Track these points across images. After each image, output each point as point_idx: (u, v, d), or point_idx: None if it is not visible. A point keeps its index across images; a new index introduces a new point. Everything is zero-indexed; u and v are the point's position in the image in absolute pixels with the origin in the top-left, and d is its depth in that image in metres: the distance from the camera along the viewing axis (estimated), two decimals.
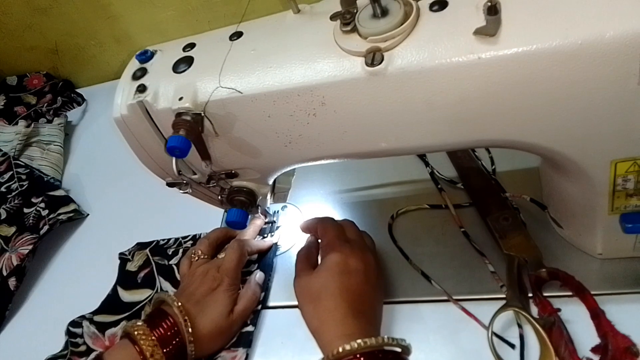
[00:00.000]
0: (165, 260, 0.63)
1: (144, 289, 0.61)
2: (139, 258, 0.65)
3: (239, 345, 0.51)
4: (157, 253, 0.65)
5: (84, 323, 0.59)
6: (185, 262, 0.56)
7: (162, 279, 0.61)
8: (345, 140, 0.42)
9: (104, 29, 0.94)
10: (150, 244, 0.66)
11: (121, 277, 0.64)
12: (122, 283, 0.63)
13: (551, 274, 0.47)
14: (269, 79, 0.39)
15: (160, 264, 0.63)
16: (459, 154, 0.61)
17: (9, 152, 0.84)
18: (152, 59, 0.46)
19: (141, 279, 0.62)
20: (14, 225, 0.73)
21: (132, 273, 0.63)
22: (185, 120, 0.40)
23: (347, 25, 0.37)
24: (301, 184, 0.65)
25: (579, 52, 0.32)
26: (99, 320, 0.59)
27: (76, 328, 0.59)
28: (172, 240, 0.66)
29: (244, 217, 0.50)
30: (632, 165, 0.38)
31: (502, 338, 0.45)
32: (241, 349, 0.51)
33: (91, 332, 0.58)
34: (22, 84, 1.02)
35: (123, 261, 0.65)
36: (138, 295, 0.61)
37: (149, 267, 0.63)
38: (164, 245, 0.65)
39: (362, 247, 0.48)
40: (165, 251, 0.65)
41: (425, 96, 0.37)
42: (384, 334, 0.49)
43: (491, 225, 0.52)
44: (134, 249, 0.66)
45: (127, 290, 0.62)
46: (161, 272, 0.62)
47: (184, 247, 0.64)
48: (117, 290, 0.62)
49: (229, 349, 0.51)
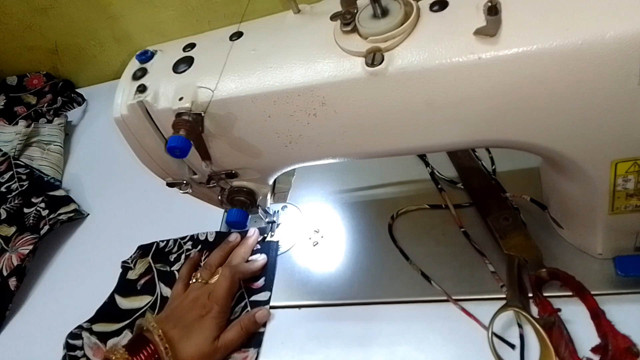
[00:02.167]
0: (167, 266, 0.63)
1: (143, 295, 0.61)
2: (141, 266, 0.64)
3: (249, 346, 0.52)
4: (159, 260, 0.64)
5: (84, 334, 0.58)
6: (180, 285, 0.57)
7: (162, 284, 0.61)
8: (345, 140, 0.42)
9: (104, 29, 0.94)
10: (151, 247, 0.66)
11: (120, 285, 0.63)
12: (120, 291, 0.62)
13: (551, 274, 0.47)
14: (269, 79, 0.39)
15: (162, 270, 0.63)
16: (459, 154, 0.61)
17: (9, 152, 0.84)
18: (152, 59, 0.46)
19: (141, 285, 0.62)
20: (14, 225, 0.73)
21: (132, 281, 0.63)
22: (185, 120, 0.40)
23: (348, 25, 0.37)
24: (301, 184, 0.65)
25: (579, 52, 0.32)
26: (99, 330, 0.58)
27: (76, 340, 0.58)
28: (171, 242, 0.65)
29: (244, 217, 0.50)
30: (633, 166, 0.38)
31: (502, 338, 0.45)
32: (252, 349, 0.52)
33: (92, 343, 0.57)
34: (22, 84, 1.02)
35: (125, 269, 0.65)
36: (137, 302, 0.60)
37: (150, 274, 0.63)
38: (165, 248, 0.65)
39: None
40: (167, 257, 0.64)
41: (425, 96, 0.37)
42: (384, 333, 0.49)
43: (491, 225, 0.52)
44: (136, 255, 0.65)
45: (125, 297, 0.62)
46: (162, 278, 0.62)
47: (185, 250, 0.64)
48: (114, 297, 0.62)
49: (240, 350, 0.52)
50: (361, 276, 0.54)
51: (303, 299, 0.55)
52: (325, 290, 0.54)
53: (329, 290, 0.54)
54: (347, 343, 0.50)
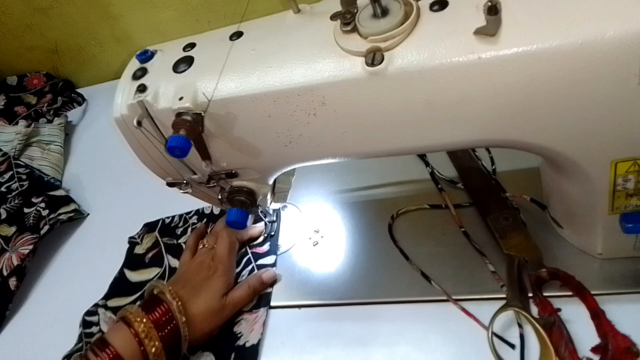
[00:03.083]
0: (174, 239, 0.66)
1: (151, 268, 0.64)
2: (148, 240, 0.67)
3: (259, 306, 0.54)
4: (166, 234, 0.67)
5: (99, 310, 0.61)
6: (187, 254, 0.59)
7: (170, 257, 0.64)
8: (345, 140, 0.42)
9: (104, 29, 0.94)
10: (157, 224, 0.68)
11: (128, 260, 0.66)
12: (128, 265, 0.65)
13: (551, 274, 0.47)
14: (269, 78, 0.39)
15: (168, 243, 0.65)
16: (459, 154, 0.61)
17: (9, 152, 0.84)
18: (152, 58, 0.46)
19: (149, 259, 0.65)
20: (14, 225, 0.73)
21: (140, 255, 0.66)
22: (185, 120, 0.40)
23: (348, 25, 0.37)
24: (301, 184, 0.65)
25: (579, 52, 0.32)
26: (113, 305, 0.61)
27: (92, 317, 0.60)
28: (177, 217, 0.68)
29: (244, 217, 0.50)
30: (632, 165, 0.38)
31: (502, 338, 0.45)
32: (262, 308, 0.54)
33: (107, 318, 0.60)
34: (22, 84, 1.02)
35: (132, 245, 0.67)
36: (146, 274, 0.63)
37: (157, 248, 0.65)
38: (171, 223, 0.68)
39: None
40: (174, 230, 0.67)
41: (425, 96, 0.37)
42: (384, 333, 0.49)
43: (491, 225, 0.52)
44: (143, 231, 0.68)
45: (134, 271, 0.64)
46: (169, 250, 0.65)
47: (190, 224, 0.67)
48: (123, 272, 0.64)
49: (250, 311, 0.54)
50: (361, 276, 0.54)
51: (303, 299, 0.55)
52: (325, 290, 0.54)
53: (329, 290, 0.54)
54: (347, 343, 0.50)
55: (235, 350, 0.52)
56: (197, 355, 0.52)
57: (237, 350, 0.52)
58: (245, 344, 0.52)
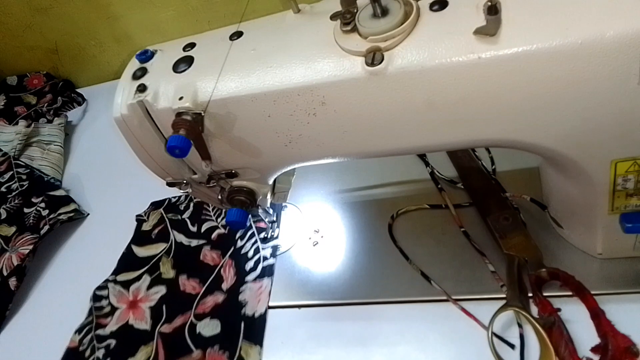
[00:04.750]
0: (178, 215, 0.69)
1: (158, 243, 0.67)
2: (154, 217, 0.70)
3: (263, 276, 0.57)
4: (171, 210, 0.70)
5: (109, 285, 0.64)
6: None
7: (175, 232, 0.67)
8: (345, 140, 0.42)
9: (104, 29, 0.95)
10: (164, 202, 0.72)
11: (136, 236, 0.69)
12: (136, 241, 0.68)
13: (551, 274, 0.47)
14: (269, 78, 0.39)
15: (173, 219, 0.69)
16: (459, 154, 0.61)
17: (9, 152, 0.84)
18: (152, 58, 0.46)
19: (155, 235, 0.68)
20: (14, 225, 0.73)
21: (146, 232, 0.69)
22: (185, 120, 0.40)
23: (347, 25, 0.37)
24: (301, 184, 0.65)
25: (579, 52, 0.32)
26: (122, 279, 0.64)
27: (102, 291, 0.63)
28: (182, 197, 0.71)
29: (244, 217, 0.50)
30: (632, 165, 0.38)
31: (502, 338, 0.45)
32: (266, 278, 0.57)
33: (116, 291, 0.63)
34: (22, 84, 1.02)
35: (139, 222, 0.71)
36: (153, 249, 0.66)
37: (163, 224, 0.69)
38: (176, 202, 0.71)
39: None
40: (178, 207, 0.70)
41: (425, 96, 0.37)
42: (384, 333, 0.49)
43: (491, 225, 0.52)
44: (149, 209, 0.72)
45: (141, 246, 0.67)
46: (175, 226, 0.68)
47: (194, 201, 0.70)
48: (131, 248, 0.67)
49: (255, 281, 0.57)
50: (361, 276, 0.54)
51: (303, 299, 0.55)
52: (325, 290, 0.54)
53: (329, 290, 0.54)
54: (347, 343, 0.50)
55: (244, 320, 0.54)
56: (205, 322, 0.54)
57: (246, 321, 0.54)
58: (254, 314, 0.54)
